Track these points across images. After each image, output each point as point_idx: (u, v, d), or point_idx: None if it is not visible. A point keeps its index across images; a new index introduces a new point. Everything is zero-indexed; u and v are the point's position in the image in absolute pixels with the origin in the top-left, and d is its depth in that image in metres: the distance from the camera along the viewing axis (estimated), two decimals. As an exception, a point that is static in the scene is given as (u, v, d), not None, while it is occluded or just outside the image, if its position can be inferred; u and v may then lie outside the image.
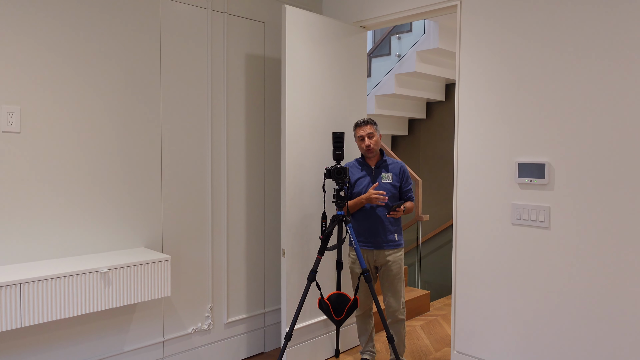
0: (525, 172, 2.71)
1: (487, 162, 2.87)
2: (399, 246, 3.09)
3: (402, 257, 3.11)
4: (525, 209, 2.72)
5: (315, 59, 3.24)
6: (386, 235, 3.03)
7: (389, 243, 3.04)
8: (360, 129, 3.04)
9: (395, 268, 3.05)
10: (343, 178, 2.85)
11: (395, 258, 3.06)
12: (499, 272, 2.84)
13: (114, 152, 2.74)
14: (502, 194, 2.81)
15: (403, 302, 3.10)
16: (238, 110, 3.31)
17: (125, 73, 2.75)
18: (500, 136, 2.81)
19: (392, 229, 3.06)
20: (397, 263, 3.07)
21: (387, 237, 3.03)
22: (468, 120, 2.94)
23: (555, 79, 2.60)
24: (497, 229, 2.84)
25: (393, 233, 3.06)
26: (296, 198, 3.16)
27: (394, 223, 3.07)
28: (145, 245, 2.89)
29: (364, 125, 3.02)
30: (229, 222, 3.29)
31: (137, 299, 2.54)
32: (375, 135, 3.03)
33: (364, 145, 3.02)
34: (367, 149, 3.02)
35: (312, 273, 2.85)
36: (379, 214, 3.02)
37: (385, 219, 3.02)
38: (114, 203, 2.74)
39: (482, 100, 2.88)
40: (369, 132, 3.01)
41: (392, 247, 3.05)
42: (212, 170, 3.17)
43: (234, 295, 3.35)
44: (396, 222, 3.09)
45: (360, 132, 3.03)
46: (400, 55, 4.89)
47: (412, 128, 6.09)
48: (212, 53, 3.15)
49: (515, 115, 2.75)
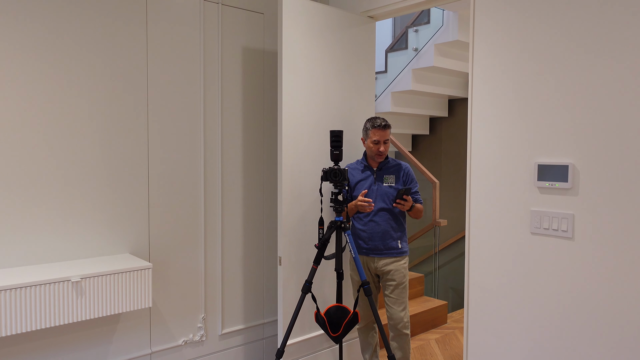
0: (546, 174, 2.39)
1: (503, 163, 2.56)
2: (401, 254, 2.85)
3: (405, 265, 2.87)
4: (546, 217, 2.40)
5: (317, 53, 2.99)
6: (388, 241, 2.80)
7: (390, 250, 2.81)
8: (378, 132, 2.77)
9: (398, 277, 2.82)
10: (341, 181, 2.60)
11: (397, 267, 2.82)
12: (517, 286, 2.53)
13: (96, 152, 2.57)
14: (520, 199, 2.50)
15: (407, 314, 2.85)
16: (234, 108, 3.10)
17: (107, 68, 2.58)
18: (518, 134, 2.50)
19: (394, 235, 2.82)
20: (400, 272, 2.83)
21: (388, 243, 2.80)
22: (482, 116, 2.64)
23: (582, 69, 2.27)
24: (514, 239, 2.53)
25: (396, 240, 2.82)
26: (294, 202, 2.92)
27: (397, 229, 2.83)
28: (131, 251, 2.71)
29: (383, 130, 2.77)
30: (224, 227, 3.08)
31: (114, 310, 2.35)
32: (389, 141, 2.83)
33: (376, 149, 2.79)
34: (378, 154, 2.80)
35: (307, 284, 2.61)
36: (380, 218, 2.80)
37: (387, 223, 2.79)
38: (95, 206, 2.57)
39: (499, 94, 2.57)
40: (387, 138, 2.79)
41: (394, 255, 2.82)
42: (205, 171, 2.97)
43: (229, 304, 3.14)
44: (399, 227, 2.84)
45: (377, 135, 2.77)
46: (418, 49, 4.59)
47: (434, 127, 5.76)
48: (205, 47, 2.95)
49: (535, 110, 2.44)
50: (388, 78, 4.88)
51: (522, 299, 2.51)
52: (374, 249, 2.82)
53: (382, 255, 2.80)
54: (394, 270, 2.81)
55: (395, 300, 2.81)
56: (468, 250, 2.75)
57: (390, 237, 2.79)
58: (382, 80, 4.96)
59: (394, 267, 2.81)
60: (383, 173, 2.84)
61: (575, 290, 2.31)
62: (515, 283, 2.53)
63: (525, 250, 2.49)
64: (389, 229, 2.79)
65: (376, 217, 2.80)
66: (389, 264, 2.80)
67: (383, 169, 2.85)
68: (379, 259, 2.82)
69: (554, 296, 2.39)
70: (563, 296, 2.35)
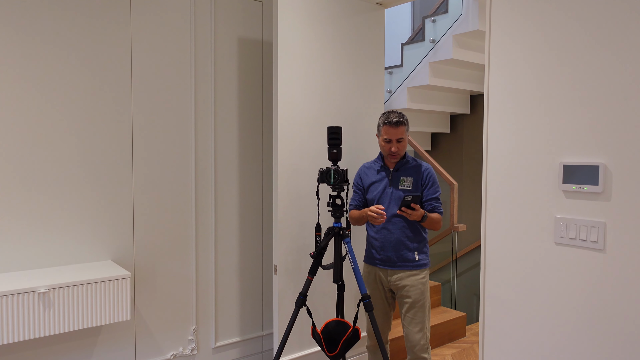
0: (573, 176, 2.08)
1: (523, 162, 2.26)
2: (419, 267, 2.49)
3: (424, 280, 2.50)
4: (573, 225, 2.08)
5: (317, 42, 2.74)
6: (402, 252, 2.47)
7: (405, 263, 2.47)
8: (389, 130, 2.42)
9: (414, 294, 2.47)
10: (339, 183, 2.33)
11: (414, 282, 2.47)
12: (538, 302, 2.22)
13: (75, 152, 2.37)
14: (543, 204, 2.19)
15: (426, 336, 2.49)
16: (229, 104, 2.87)
17: (86, 60, 2.38)
18: (541, 129, 2.19)
19: (411, 246, 2.47)
20: (417, 288, 2.47)
21: (402, 255, 2.46)
22: (500, 110, 2.34)
23: (616, 54, 1.95)
24: (536, 250, 2.22)
25: (412, 251, 2.48)
26: (291, 205, 2.67)
27: (414, 238, 2.48)
28: (114, 258, 2.51)
29: (394, 127, 2.41)
30: (218, 232, 2.86)
31: (86, 324, 2.15)
32: (404, 140, 2.47)
33: (387, 149, 2.46)
34: (390, 154, 2.47)
35: (301, 298, 2.36)
36: (394, 225, 2.47)
37: (401, 232, 2.46)
38: (74, 210, 2.38)
39: (518, 84, 2.26)
40: (399, 137, 2.43)
41: (410, 268, 2.47)
42: (196, 172, 2.75)
43: (224, 315, 2.91)
44: (417, 237, 2.49)
45: (388, 133, 2.43)
46: (435, 40, 4.27)
47: (454, 124, 5.43)
48: (197, 37, 2.72)
49: (560, 102, 2.12)
50: (404, 72, 4.57)
51: (545, 318, 2.20)
52: (386, 260, 2.49)
53: (396, 268, 2.48)
54: (409, 285, 2.46)
55: (411, 319, 2.48)
56: (484, 261, 2.45)
57: (405, 248, 2.46)
58: (398, 75, 4.67)
59: (410, 282, 2.46)
60: (400, 174, 2.50)
61: (606, 312, 1.99)
62: (537, 299, 2.22)
63: (548, 263, 2.18)
64: (403, 238, 2.46)
65: (389, 224, 2.48)
66: (403, 278, 2.47)
67: (400, 170, 2.50)
68: (392, 271, 2.49)
69: (581, 317, 2.07)
70: (591, 317, 2.03)
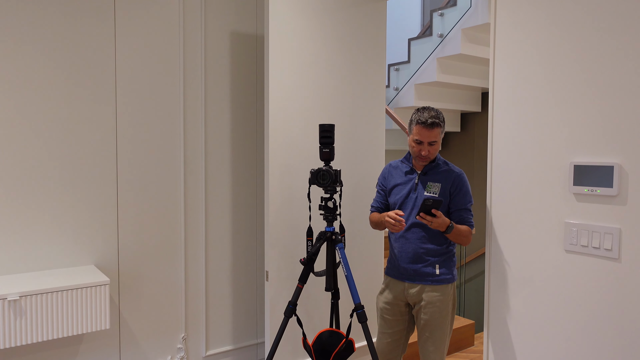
0: (585, 177, 1.89)
1: (530, 162, 2.08)
2: (440, 282, 2.19)
3: (445, 298, 2.20)
4: (584, 231, 1.90)
5: (312, 35, 2.59)
6: (418, 266, 2.19)
7: (424, 277, 2.19)
8: (421, 130, 2.12)
9: (432, 312, 2.18)
10: (331, 184, 2.18)
11: (432, 298, 2.17)
12: (546, 314, 2.03)
13: (55, 151, 2.26)
14: (551, 208, 2.01)
15: (443, 356, 2.24)
16: (221, 101, 2.74)
17: (68, 54, 2.27)
18: (550, 126, 2.01)
19: (431, 259, 2.18)
20: (436, 306, 2.18)
21: (419, 269, 2.19)
22: (506, 105, 2.16)
23: (632, 45, 1.76)
24: (544, 257, 2.03)
25: (433, 264, 2.19)
26: (283, 208, 2.53)
27: (436, 250, 2.18)
28: (97, 262, 2.40)
29: (428, 129, 2.11)
30: (209, 235, 2.73)
31: (61, 333, 2.04)
32: (438, 143, 2.17)
33: (417, 151, 2.17)
34: (420, 157, 2.18)
35: (290, 307, 2.20)
36: (413, 234, 2.20)
37: (418, 243, 2.19)
38: (55, 212, 2.27)
39: (525, 77, 2.09)
40: (433, 139, 2.13)
41: (429, 283, 2.18)
42: (185, 172, 2.63)
43: (215, 322, 2.78)
44: (439, 248, 2.20)
45: (420, 134, 2.13)
46: (443, 35, 4.09)
47: (465, 123, 5.22)
48: (186, 31, 2.60)
49: (570, 97, 1.94)
50: (411, 69, 4.40)
51: (553, 331, 2.01)
52: (403, 272, 2.23)
53: (413, 281, 2.21)
54: (426, 302, 2.17)
55: (427, 338, 2.21)
56: (488, 268, 2.27)
57: (422, 261, 2.19)
58: (405, 72, 4.49)
59: (428, 299, 2.17)
60: (428, 179, 2.22)
61: (621, 327, 1.80)
62: (545, 310, 2.03)
63: (557, 272, 1.99)
64: (420, 249, 2.18)
65: (408, 232, 2.20)
66: (421, 293, 2.19)
67: (429, 174, 2.22)
68: (409, 285, 2.22)
69: (593, 331, 1.88)
70: (605, 332, 1.84)
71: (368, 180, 2.87)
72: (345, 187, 2.76)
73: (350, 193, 2.79)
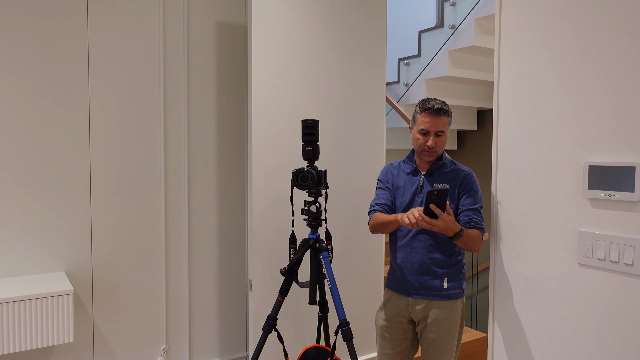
0: (601, 180, 1.63)
1: (539, 162, 1.82)
2: (448, 298, 1.94)
3: (454, 315, 1.96)
4: (601, 242, 1.64)
5: (302, 25, 2.38)
6: (425, 278, 1.94)
7: (430, 291, 1.94)
8: (428, 118, 1.89)
9: (439, 330, 1.93)
10: (313, 186, 1.96)
11: (440, 316, 1.92)
12: (558, 337, 1.77)
13: (21, 148, 2.11)
14: (563, 215, 1.75)
15: None
16: (206, 96, 2.56)
17: (35, 42, 2.11)
18: (561, 121, 1.75)
19: (438, 271, 1.93)
20: (443, 324, 1.93)
21: (426, 281, 1.94)
22: (511, 97, 1.91)
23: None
24: (555, 272, 1.77)
25: (440, 277, 1.94)
26: (269, 212, 2.33)
27: (444, 261, 1.93)
28: (68, 269, 2.24)
29: (435, 115, 1.88)
30: (193, 240, 2.55)
31: (17, 347, 1.88)
32: (445, 135, 1.93)
33: (423, 143, 1.91)
34: (426, 151, 1.93)
35: (269, 322, 2.00)
36: (419, 243, 1.95)
37: (425, 252, 1.93)
38: (22, 214, 2.12)
39: (533, 64, 1.83)
40: (439, 129, 1.89)
41: (436, 298, 1.93)
42: (166, 173, 2.45)
43: (200, 333, 2.60)
44: (448, 259, 1.95)
45: (427, 122, 1.89)
46: (455, 26, 3.82)
47: (483, 120, 4.92)
48: (166, 20, 2.42)
49: (585, 87, 1.68)
50: (422, 63, 4.13)
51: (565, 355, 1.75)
52: (407, 285, 1.97)
53: (419, 296, 1.95)
54: (433, 320, 1.92)
55: (433, 359, 1.97)
56: (493, 283, 2.02)
57: (429, 273, 1.94)
58: (415, 66, 4.23)
59: (435, 316, 1.93)
60: (434, 180, 1.97)
61: (645, 355, 1.54)
62: (555, 332, 1.78)
63: (569, 289, 1.73)
64: (427, 259, 1.93)
65: (414, 240, 1.95)
66: (426, 309, 1.94)
67: (435, 174, 1.97)
68: (414, 300, 1.96)
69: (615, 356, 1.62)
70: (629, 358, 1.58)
71: (366, 182, 2.65)
72: (341, 190, 2.55)
73: (345, 196, 2.57)
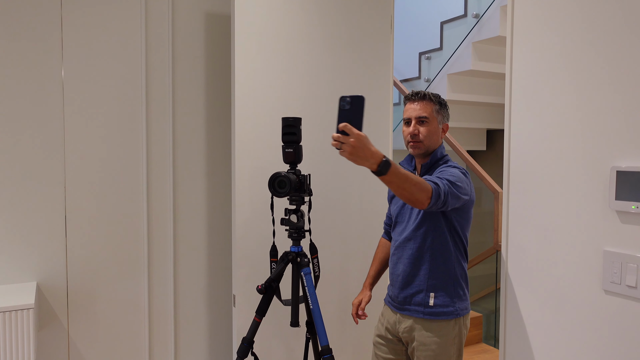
0: (632, 189, 1.33)
1: (557, 166, 1.52)
2: (435, 317, 1.67)
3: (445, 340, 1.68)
4: (631, 265, 1.33)
5: (292, 14, 2.15)
6: (408, 290, 1.71)
7: (414, 307, 1.70)
8: (409, 105, 1.75)
9: (425, 357, 1.67)
10: (294, 193, 1.73)
11: (426, 339, 1.67)
12: (579, 379, 1.47)
13: (-17, 150, 1.98)
14: (585, 231, 1.45)
15: None
16: (194, 92, 2.37)
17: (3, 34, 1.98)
18: (582, 119, 1.45)
19: (423, 283, 1.68)
20: (430, 349, 1.66)
21: (409, 294, 1.72)
22: (526, 91, 1.62)
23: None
24: (576, 300, 1.47)
25: (426, 291, 1.68)
26: (253, 220, 2.11)
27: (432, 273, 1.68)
28: (41, 279, 2.09)
29: (414, 101, 1.73)
30: (179, 249, 2.36)
31: (-29, 367, 1.73)
32: (430, 122, 1.71)
33: (406, 134, 1.74)
34: (410, 141, 1.73)
35: (244, 346, 1.77)
36: (404, 251, 1.73)
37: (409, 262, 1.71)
38: (-17, 221, 1.99)
39: (550, 57, 1.54)
40: (421, 114, 1.70)
41: (419, 315, 1.69)
42: (148, 175, 2.27)
43: (187, 350, 2.41)
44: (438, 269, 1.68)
45: (407, 110, 1.75)
46: (479, 15, 3.49)
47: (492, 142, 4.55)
48: (149, 10, 2.24)
49: (611, 80, 1.38)
50: (444, 56, 3.83)
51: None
52: (393, 298, 1.78)
53: (403, 312, 1.74)
54: (418, 344, 1.68)
55: None
56: (504, 306, 1.73)
57: (413, 285, 1.71)
58: (437, 60, 3.92)
59: (420, 339, 1.68)
60: None
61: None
62: (577, 373, 1.47)
63: (591, 321, 1.43)
64: (410, 268, 1.71)
65: (400, 249, 1.75)
66: (412, 330, 1.71)
67: (428, 173, 1.75)
68: (401, 317, 1.75)
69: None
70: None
71: (366, 185, 2.39)
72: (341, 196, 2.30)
73: (346, 202, 2.33)
